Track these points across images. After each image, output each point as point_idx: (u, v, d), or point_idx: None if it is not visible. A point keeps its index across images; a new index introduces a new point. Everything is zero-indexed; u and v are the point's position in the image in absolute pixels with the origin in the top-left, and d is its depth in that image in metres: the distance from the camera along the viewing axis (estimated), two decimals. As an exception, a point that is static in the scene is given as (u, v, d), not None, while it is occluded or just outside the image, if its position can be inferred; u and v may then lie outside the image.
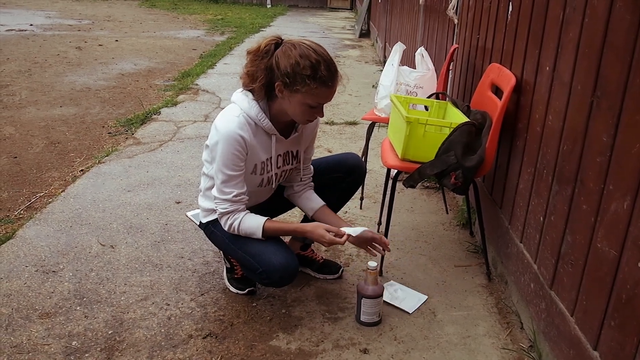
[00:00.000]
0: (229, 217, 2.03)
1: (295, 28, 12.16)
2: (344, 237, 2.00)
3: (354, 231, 2.04)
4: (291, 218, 2.90)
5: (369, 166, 2.48)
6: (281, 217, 2.74)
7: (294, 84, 1.87)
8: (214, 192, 2.04)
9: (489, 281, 2.44)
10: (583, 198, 1.65)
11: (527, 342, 2.05)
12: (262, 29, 11.57)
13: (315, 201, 2.27)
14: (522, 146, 2.18)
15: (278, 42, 1.94)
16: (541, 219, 1.96)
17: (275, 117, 2.02)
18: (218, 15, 14.11)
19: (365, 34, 11.22)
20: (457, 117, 2.43)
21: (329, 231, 2.00)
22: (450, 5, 3.42)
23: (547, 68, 1.94)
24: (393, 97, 2.57)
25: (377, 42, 9.16)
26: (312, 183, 2.33)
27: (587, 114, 1.63)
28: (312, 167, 2.33)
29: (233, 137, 1.93)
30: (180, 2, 16.79)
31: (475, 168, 2.21)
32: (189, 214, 2.94)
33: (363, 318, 2.11)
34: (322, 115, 1.99)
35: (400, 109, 2.36)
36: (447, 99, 2.72)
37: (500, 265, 2.41)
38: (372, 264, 2.06)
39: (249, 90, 2.00)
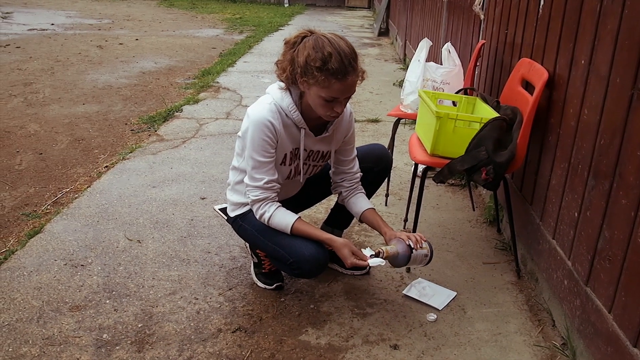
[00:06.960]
0: (260, 206, 2.03)
1: (313, 27, 12.11)
2: (365, 263, 1.98)
3: (375, 262, 1.99)
4: (316, 215, 2.89)
5: (393, 163, 2.46)
6: (306, 211, 2.75)
7: (306, 76, 1.86)
8: (246, 179, 2.04)
9: (519, 278, 2.41)
10: (622, 192, 1.62)
11: (560, 339, 2.01)
12: (281, 28, 11.58)
13: (359, 205, 2.23)
14: (554, 141, 2.15)
15: (306, 35, 1.93)
16: (576, 214, 1.93)
17: (306, 111, 2.01)
18: (236, 14, 14.14)
19: (384, 32, 11.16)
20: (487, 112, 2.40)
21: (354, 253, 1.97)
22: (477, 1, 3.38)
23: (583, 62, 1.91)
24: (422, 93, 2.54)
25: (396, 40, 9.11)
26: (361, 187, 2.28)
27: (627, 107, 1.60)
28: (359, 172, 2.29)
29: (263, 122, 1.94)
30: (199, 2, 16.84)
31: (507, 163, 2.18)
32: (217, 207, 2.94)
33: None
34: (341, 110, 1.92)
35: (429, 104, 2.34)
36: (476, 93, 2.69)
37: (531, 262, 2.38)
38: (375, 258, 2.00)
39: (282, 82, 2.00)
